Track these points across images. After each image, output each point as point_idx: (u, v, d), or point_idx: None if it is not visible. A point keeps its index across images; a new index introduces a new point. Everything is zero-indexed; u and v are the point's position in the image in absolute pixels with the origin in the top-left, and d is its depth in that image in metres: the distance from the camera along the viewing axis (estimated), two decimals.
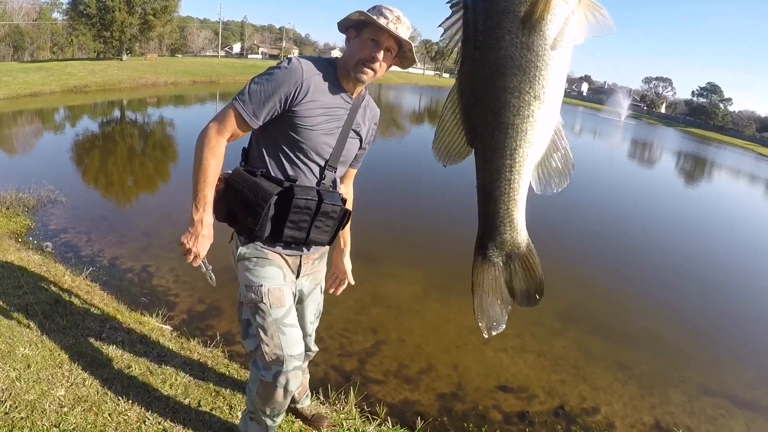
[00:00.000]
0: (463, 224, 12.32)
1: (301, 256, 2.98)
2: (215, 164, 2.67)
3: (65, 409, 3.48)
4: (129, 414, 3.57)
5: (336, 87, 2.75)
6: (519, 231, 1.34)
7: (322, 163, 2.82)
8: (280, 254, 2.90)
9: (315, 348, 3.51)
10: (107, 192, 12.39)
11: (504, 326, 1.47)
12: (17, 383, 3.65)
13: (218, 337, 5.54)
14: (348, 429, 3.98)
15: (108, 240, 8.62)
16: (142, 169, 15.46)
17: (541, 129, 1.21)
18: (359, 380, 5.55)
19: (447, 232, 11.23)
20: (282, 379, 2.79)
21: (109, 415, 3.51)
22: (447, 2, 1.18)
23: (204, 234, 2.71)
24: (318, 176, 2.83)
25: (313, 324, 3.36)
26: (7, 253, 6.52)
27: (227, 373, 4.56)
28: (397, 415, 4.97)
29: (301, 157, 2.77)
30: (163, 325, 5.51)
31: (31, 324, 4.59)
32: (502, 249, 1.36)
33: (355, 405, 4.58)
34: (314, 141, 2.74)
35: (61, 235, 8.56)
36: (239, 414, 3.78)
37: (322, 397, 4.57)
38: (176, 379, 4.16)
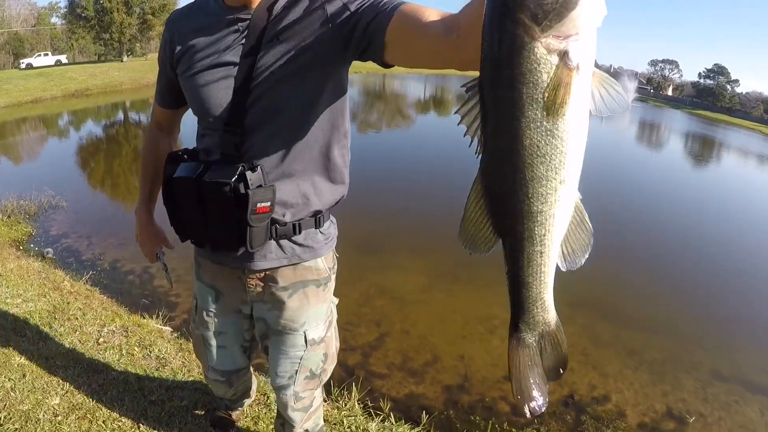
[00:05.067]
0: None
1: (244, 269, 2.23)
2: (147, 154, 2.47)
3: (59, 418, 3.41)
4: (123, 420, 3.49)
5: (215, 12, 1.92)
6: (549, 310, 1.38)
7: (224, 127, 1.97)
8: (219, 263, 2.29)
9: (291, 416, 2.63)
10: (109, 195, 12.40)
11: (546, 405, 1.43)
12: (12, 393, 3.58)
13: None
14: (349, 427, 3.89)
15: (109, 243, 8.59)
16: None
17: (567, 210, 1.21)
18: (363, 375, 5.48)
19: (452, 222, 11.03)
20: (209, 380, 2.73)
21: (104, 422, 3.44)
22: (462, 86, 1.17)
23: (140, 230, 2.58)
24: (233, 150, 1.97)
25: (280, 378, 2.45)
26: (6, 262, 6.48)
27: None
28: (401, 410, 4.89)
29: (207, 129, 2.08)
30: (163, 327, 5.45)
31: (28, 333, 4.53)
32: (534, 329, 1.38)
33: (358, 401, 4.47)
34: (205, 101, 1.99)
35: (62, 240, 8.53)
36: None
37: (324, 394, 4.48)
38: (173, 382, 4.06)
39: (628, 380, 6.14)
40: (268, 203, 1.94)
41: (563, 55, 1.03)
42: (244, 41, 1.85)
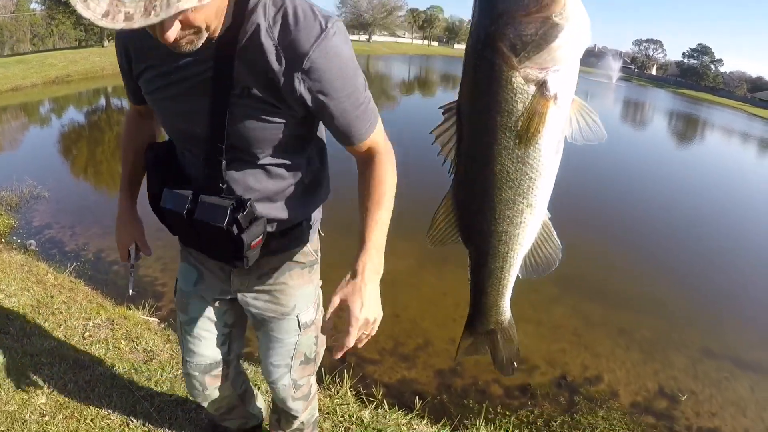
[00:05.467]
0: None
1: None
2: (127, 141, 2.38)
3: (46, 418, 3.33)
4: (112, 418, 3.42)
5: None
6: (504, 314, 1.46)
7: (204, 160, 1.95)
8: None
9: (293, 407, 2.66)
10: (92, 183, 12.21)
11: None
12: None
13: None
14: (342, 416, 3.84)
15: (93, 233, 8.45)
16: None
17: (532, 231, 1.27)
18: (354, 361, 5.43)
19: (436, 201, 11.07)
20: (185, 375, 2.62)
21: (92, 420, 3.37)
22: (440, 108, 1.20)
23: (117, 218, 2.49)
24: (215, 180, 1.95)
25: (277, 368, 2.46)
26: None
27: None
28: (394, 396, 4.86)
29: (183, 149, 2.08)
30: (150, 318, 5.37)
31: (11, 329, 4.43)
32: (487, 326, 1.49)
33: (350, 388, 4.42)
34: (177, 132, 2.00)
35: (45, 231, 8.40)
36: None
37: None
38: (162, 375, 3.99)
39: (620, 360, 6.15)
40: (261, 236, 1.98)
41: (541, 85, 1.05)
42: (210, 73, 1.73)
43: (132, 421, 3.41)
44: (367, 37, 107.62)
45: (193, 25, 1.48)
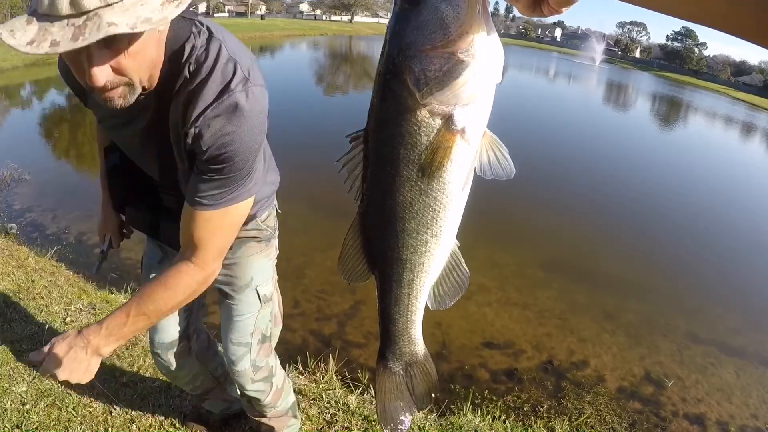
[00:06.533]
0: None
1: None
2: (100, 137, 2.40)
3: (27, 407, 3.28)
4: (94, 406, 3.36)
5: None
6: (416, 343, 1.42)
7: (158, 187, 2.08)
8: None
9: (255, 389, 2.63)
10: (74, 165, 12.08)
11: (408, 426, 1.54)
12: None
13: None
14: (328, 402, 3.81)
15: (75, 215, 8.35)
16: None
17: (438, 260, 1.27)
18: (339, 345, 5.41)
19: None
20: (152, 354, 2.66)
21: (74, 408, 3.31)
22: (347, 136, 1.21)
23: (101, 210, 2.56)
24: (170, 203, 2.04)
25: (237, 347, 2.47)
26: None
27: None
28: None
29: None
30: None
31: None
32: (401, 360, 1.44)
33: (335, 373, 4.40)
34: (130, 156, 2.07)
35: (26, 214, 8.30)
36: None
37: (300, 367, 4.39)
38: (145, 361, 3.95)
39: (606, 344, 6.16)
40: None
41: (447, 119, 1.03)
42: (149, 120, 1.80)
43: (115, 409, 3.36)
44: (349, 17, 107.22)
45: (124, 73, 1.47)
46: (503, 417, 4.19)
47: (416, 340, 1.41)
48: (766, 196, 16.11)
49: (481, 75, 1.01)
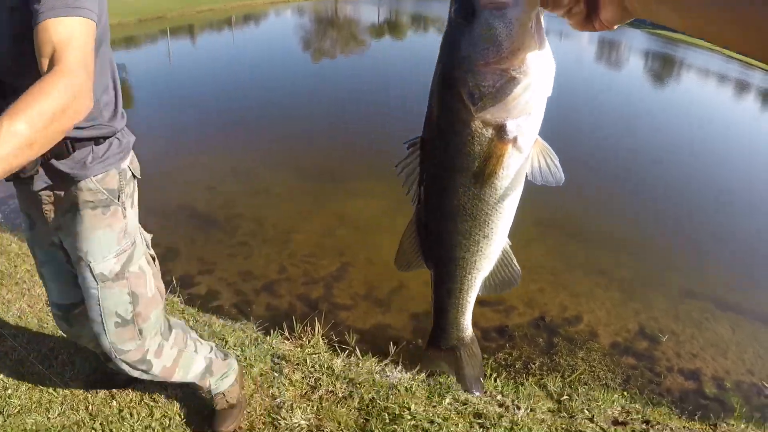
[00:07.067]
0: None
1: (31, 188, 2.13)
2: None
3: (9, 392, 3.25)
4: (74, 385, 3.35)
5: None
6: (465, 330, 1.48)
7: None
8: (19, 188, 2.24)
9: (122, 367, 2.48)
10: None
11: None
12: None
13: (175, 282, 5.31)
14: (313, 366, 3.78)
15: None
16: None
17: (490, 258, 1.32)
18: (326, 308, 5.37)
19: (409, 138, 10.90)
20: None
21: (55, 389, 3.29)
22: (404, 143, 1.25)
23: None
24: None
25: (93, 323, 2.35)
26: None
27: (182, 320, 4.35)
28: (368, 342, 4.76)
29: None
30: None
31: None
32: (448, 343, 1.51)
33: (322, 336, 4.31)
34: None
35: (9, 201, 8.17)
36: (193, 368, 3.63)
37: (287, 333, 4.35)
38: None
39: (599, 299, 6.10)
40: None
41: (500, 129, 1.07)
42: None
43: (95, 387, 3.34)
44: None
45: None
46: (494, 375, 4.14)
47: (465, 328, 1.47)
48: (760, 153, 15.97)
49: (533, 90, 1.04)
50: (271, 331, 4.32)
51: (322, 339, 4.30)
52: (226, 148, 10.34)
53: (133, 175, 2.34)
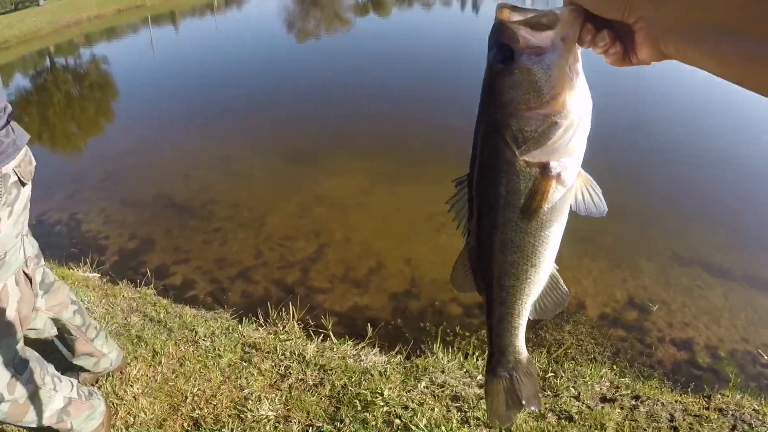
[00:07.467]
0: (410, 108, 11.84)
1: None
2: None
3: None
4: None
5: None
6: (520, 353, 1.53)
7: None
8: None
9: None
10: (36, 145, 11.79)
11: (512, 422, 1.82)
12: None
13: (149, 274, 5.27)
14: (283, 354, 3.61)
15: (35, 195, 8.00)
16: (83, 113, 14.64)
17: (538, 284, 1.35)
18: (302, 292, 5.23)
19: (392, 117, 10.83)
20: None
21: None
22: (453, 181, 1.30)
23: None
24: None
25: None
26: None
27: (153, 314, 4.29)
28: (346, 325, 4.64)
29: None
30: (90, 274, 5.22)
31: None
32: (507, 366, 1.55)
33: (297, 321, 4.20)
34: None
35: None
36: (164, 360, 3.57)
37: (261, 319, 4.21)
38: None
39: (586, 268, 5.93)
40: None
41: (544, 167, 1.10)
42: None
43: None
44: None
45: None
46: (476, 353, 4.00)
47: (520, 350, 1.51)
48: (748, 114, 15.86)
49: (574, 131, 1.08)
50: (244, 319, 4.21)
51: (297, 324, 4.19)
52: (207, 135, 10.28)
53: (20, 181, 2.16)
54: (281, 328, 4.07)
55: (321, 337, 3.96)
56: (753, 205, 7.98)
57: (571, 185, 1.17)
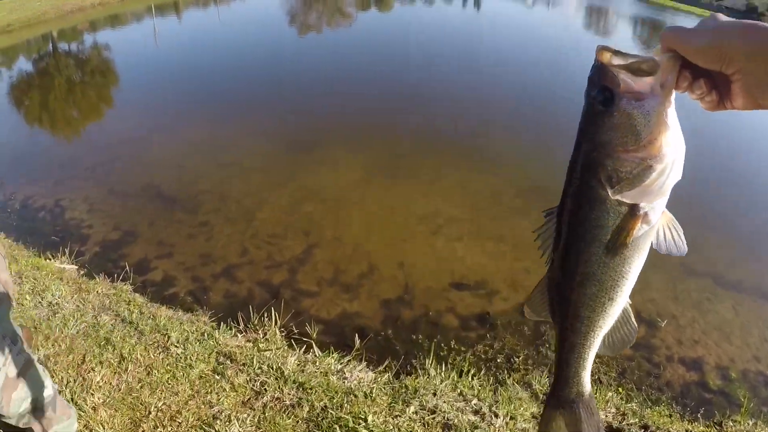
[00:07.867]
0: (409, 103, 11.70)
1: None
2: None
3: None
4: None
5: None
6: (584, 386, 1.51)
7: None
8: None
9: None
10: (24, 131, 11.56)
11: None
12: None
13: (128, 268, 5.09)
14: (260, 367, 3.31)
15: (22, 181, 7.91)
16: (84, 98, 14.62)
17: (612, 317, 1.37)
18: (288, 295, 5.02)
19: (390, 110, 10.75)
20: None
21: None
22: (543, 212, 1.32)
23: None
24: None
25: None
26: None
27: (126, 313, 4.05)
28: (332, 333, 4.41)
29: None
30: (67, 266, 5.04)
31: None
32: (569, 397, 1.52)
33: (280, 328, 3.96)
34: None
35: None
36: (130, 366, 3.34)
37: (242, 325, 3.96)
38: (62, 332, 3.64)
39: None
40: None
41: (633, 207, 1.13)
42: None
43: None
44: None
45: None
46: (471, 371, 3.74)
47: (584, 383, 1.50)
48: (758, 126, 15.78)
49: (666, 175, 1.10)
50: (223, 324, 3.96)
51: (280, 331, 3.96)
52: (206, 127, 10.09)
53: None
54: (261, 336, 3.82)
55: (303, 348, 3.70)
56: (765, 217, 7.84)
57: (655, 224, 1.18)
